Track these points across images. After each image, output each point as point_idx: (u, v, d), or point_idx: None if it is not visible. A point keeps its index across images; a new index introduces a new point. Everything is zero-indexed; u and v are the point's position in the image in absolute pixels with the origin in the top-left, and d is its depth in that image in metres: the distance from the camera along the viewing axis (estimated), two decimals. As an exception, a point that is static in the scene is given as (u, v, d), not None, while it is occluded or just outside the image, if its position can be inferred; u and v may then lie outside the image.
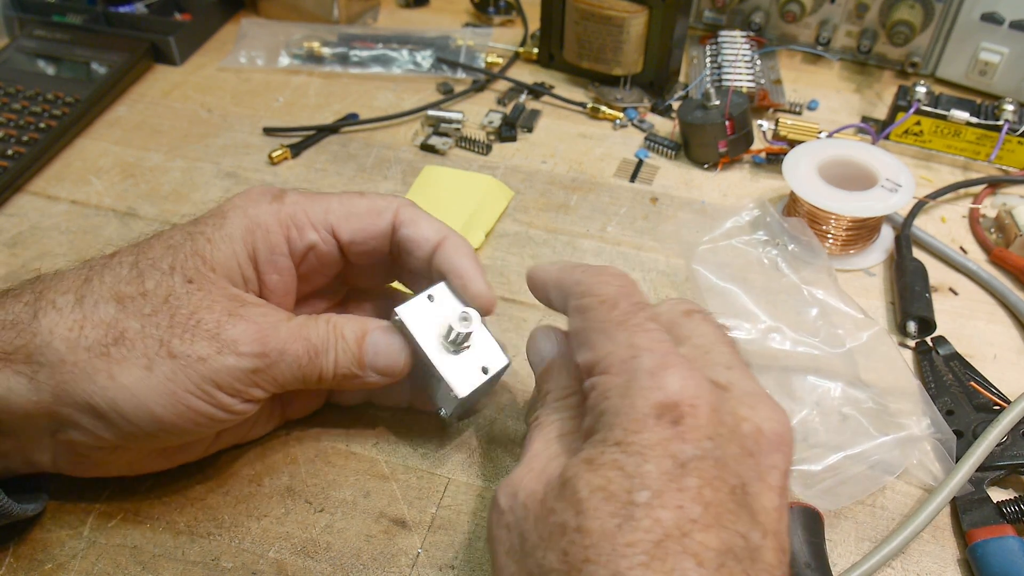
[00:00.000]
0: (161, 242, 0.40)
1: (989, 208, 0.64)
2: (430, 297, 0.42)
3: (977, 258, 0.60)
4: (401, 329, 0.42)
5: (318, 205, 0.42)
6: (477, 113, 0.72)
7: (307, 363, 0.40)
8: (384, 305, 0.48)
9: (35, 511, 0.40)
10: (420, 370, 0.43)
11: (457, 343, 0.41)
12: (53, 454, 0.39)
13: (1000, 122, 0.64)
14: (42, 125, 0.68)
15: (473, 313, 0.41)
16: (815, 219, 0.57)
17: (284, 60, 0.79)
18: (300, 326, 0.40)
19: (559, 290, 0.39)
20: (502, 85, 0.76)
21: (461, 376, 0.41)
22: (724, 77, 0.72)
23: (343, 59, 0.79)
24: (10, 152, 0.65)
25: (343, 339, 0.41)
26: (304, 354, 0.40)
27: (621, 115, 0.72)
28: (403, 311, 0.41)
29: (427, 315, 0.42)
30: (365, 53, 0.79)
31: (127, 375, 0.36)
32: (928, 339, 0.53)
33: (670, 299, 0.38)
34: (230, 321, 0.38)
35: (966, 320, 0.55)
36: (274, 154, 0.67)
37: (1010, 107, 0.65)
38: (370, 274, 0.47)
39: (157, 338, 0.37)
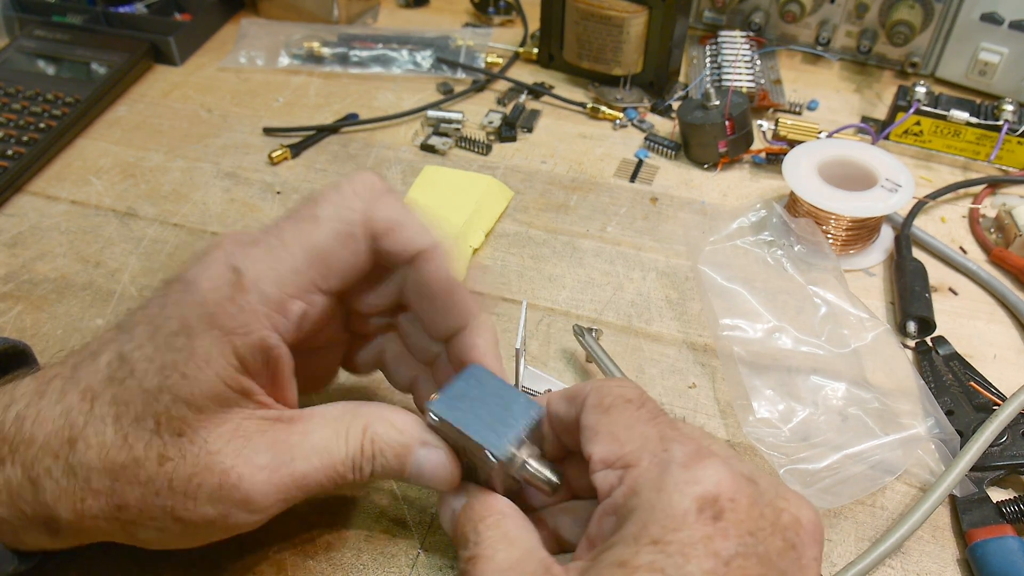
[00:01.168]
0: (136, 383, 0.34)
1: (989, 208, 0.64)
2: (463, 386, 0.37)
3: (977, 258, 0.60)
4: (439, 424, 0.37)
5: (283, 267, 0.35)
6: (477, 113, 0.72)
7: (332, 487, 0.37)
8: (393, 345, 0.43)
9: (28, 566, 0.39)
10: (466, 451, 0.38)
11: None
12: None
13: (1000, 122, 0.64)
14: (42, 125, 0.68)
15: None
16: (815, 219, 0.57)
17: (284, 60, 0.79)
18: (322, 451, 0.36)
19: (568, 401, 0.36)
20: (502, 85, 0.76)
21: (501, 438, 0.36)
22: (724, 77, 0.72)
23: (343, 59, 0.79)
24: (10, 152, 0.65)
25: (383, 455, 0.36)
26: (328, 481, 0.36)
27: (621, 115, 0.72)
28: (440, 409, 0.36)
29: (469, 408, 0.36)
30: (365, 53, 0.79)
31: (142, 533, 0.36)
32: (928, 339, 0.53)
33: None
34: (234, 476, 0.34)
35: (966, 320, 0.55)
36: (274, 154, 0.67)
37: (1010, 107, 0.65)
38: (374, 306, 0.41)
39: (160, 506, 0.34)
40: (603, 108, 0.72)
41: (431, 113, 0.70)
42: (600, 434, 0.33)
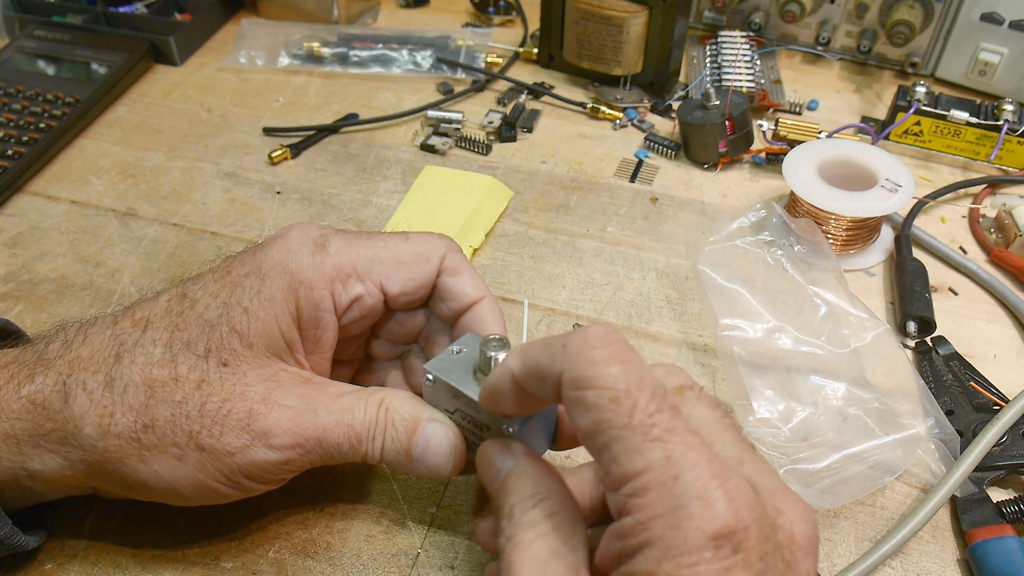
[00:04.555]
0: (196, 314, 0.38)
1: (989, 208, 0.64)
2: (457, 351, 0.39)
3: (977, 258, 0.60)
4: (434, 387, 0.38)
5: (363, 254, 0.40)
6: (477, 113, 0.72)
7: (348, 450, 0.38)
8: (396, 374, 0.46)
9: (36, 544, 0.40)
10: (472, 435, 0.39)
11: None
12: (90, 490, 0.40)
13: (1000, 122, 0.64)
14: (42, 125, 0.68)
15: (506, 338, 0.37)
16: (815, 219, 0.57)
17: (284, 60, 0.79)
18: (344, 410, 0.38)
19: (539, 381, 0.31)
20: (502, 85, 0.76)
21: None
22: (724, 77, 0.72)
23: (343, 59, 0.79)
24: (10, 152, 0.65)
25: (393, 426, 0.38)
26: (345, 441, 0.38)
27: (621, 115, 0.72)
28: (433, 366, 0.38)
29: (458, 365, 0.38)
30: (365, 53, 0.79)
31: (157, 462, 0.37)
32: (928, 339, 0.53)
33: (659, 365, 0.33)
34: (263, 408, 0.37)
35: (966, 320, 0.55)
36: (274, 154, 0.67)
37: (1010, 107, 0.65)
38: (395, 334, 0.44)
39: (186, 429, 0.36)
40: (603, 108, 0.72)
41: (431, 113, 0.70)
42: (600, 449, 0.29)
